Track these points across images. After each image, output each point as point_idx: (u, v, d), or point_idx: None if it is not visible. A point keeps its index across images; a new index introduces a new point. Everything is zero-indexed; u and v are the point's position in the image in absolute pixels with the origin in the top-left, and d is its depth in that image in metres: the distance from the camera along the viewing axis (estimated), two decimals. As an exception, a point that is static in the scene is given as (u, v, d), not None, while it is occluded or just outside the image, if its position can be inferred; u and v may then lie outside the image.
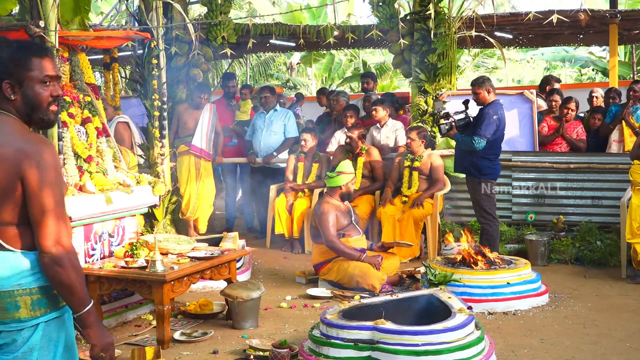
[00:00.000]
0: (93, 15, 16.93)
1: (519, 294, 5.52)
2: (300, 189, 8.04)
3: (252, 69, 19.95)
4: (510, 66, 23.87)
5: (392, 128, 8.19)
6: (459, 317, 4.05)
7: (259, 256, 7.59)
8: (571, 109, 8.04)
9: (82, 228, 5.02)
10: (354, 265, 5.96)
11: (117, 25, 11.71)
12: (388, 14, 8.04)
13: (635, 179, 6.19)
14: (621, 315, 5.34)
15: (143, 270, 4.70)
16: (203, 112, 8.07)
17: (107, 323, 5.06)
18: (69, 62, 5.28)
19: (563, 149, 8.03)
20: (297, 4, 20.85)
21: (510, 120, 7.65)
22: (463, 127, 6.49)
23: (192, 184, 7.96)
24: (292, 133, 8.61)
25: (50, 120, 2.36)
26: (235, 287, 5.16)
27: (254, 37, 9.48)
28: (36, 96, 2.30)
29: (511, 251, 7.14)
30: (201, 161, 8.05)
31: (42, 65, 2.31)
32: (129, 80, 11.45)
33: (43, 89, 2.31)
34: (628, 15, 10.24)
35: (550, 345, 4.65)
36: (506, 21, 10.07)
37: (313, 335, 4.17)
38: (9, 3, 5.10)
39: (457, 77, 9.98)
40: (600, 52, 19.29)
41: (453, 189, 7.59)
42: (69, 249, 2.23)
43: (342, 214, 6.22)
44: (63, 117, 4.95)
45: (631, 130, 7.59)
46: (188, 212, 7.94)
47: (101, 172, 5.27)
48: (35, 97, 2.30)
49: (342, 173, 6.22)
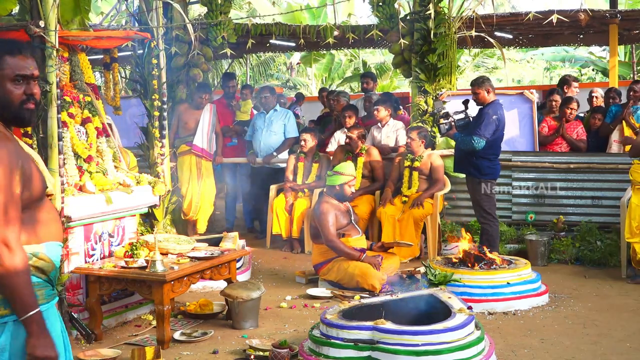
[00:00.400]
0: (93, 15, 16.93)
1: (519, 294, 5.52)
2: (300, 189, 8.04)
3: (252, 69, 19.95)
4: (510, 66, 23.89)
5: (393, 128, 8.19)
6: (459, 317, 4.05)
7: (259, 256, 7.58)
8: (573, 109, 8.03)
9: (82, 228, 5.02)
10: (354, 265, 5.96)
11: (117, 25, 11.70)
12: (388, 14, 8.04)
13: (635, 178, 6.19)
14: (621, 315, 5.34)
15: (143, 270, 4.69)
16: (203, 113, 8.08)
17: (107, 323, 5.06)
18: (69, 62, 5.28)
19: (563, 149, 8.03)
20: (297, 4, 20.86)
21: (510, 120, 7.65)
22: (463, 127, 6.49)
23: (194, 183, 7.97)
24: (292, 133, 8.61)
25: (25, 118, 2.34)
26: (235, 287, 5.16)
27: (254, 37, 9.49)
28: (6, 94, 2.29)
29: (511, 251, 7.14)
30: (202, 161, 8.06)
31: (15, 64, 2.30)
32: (129, 80, 11.45)
33: (15, 87, 2.30)
34: (628, 15, 10.24)
35: (550, 345, 4.65)
36: (506, 21, 10.06)
37: (313, 335, 4.17)
38: (9, 3, 5.10)
39: (457, 77, 9.98)
40: (600, 52, 19.29)
41: (453, 189, 7.59)
42: (13, 249, 2.18)
43: (342, 213, 6.21)
44: (63, 117, 4.94)
45: (631, 130, 7.59)
46: (190, 212, 7.94)
47: (101, 172, 5.27)
48: (5, 96, 2.30)
49: (339, 173, 6.22)
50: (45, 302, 2.32)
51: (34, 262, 2.29)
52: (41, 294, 2.30)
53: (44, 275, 2.32)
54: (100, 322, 4.88)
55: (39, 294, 2.29)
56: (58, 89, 4.78)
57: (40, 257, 2.31)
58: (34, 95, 2.35)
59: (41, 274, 2.31)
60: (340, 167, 6.34)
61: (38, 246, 2.31)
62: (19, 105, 2.32)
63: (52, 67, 4.70)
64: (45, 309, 2.31)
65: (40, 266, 2.31)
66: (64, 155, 4.86)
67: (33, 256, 2.29)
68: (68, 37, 5.08)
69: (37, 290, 2.29)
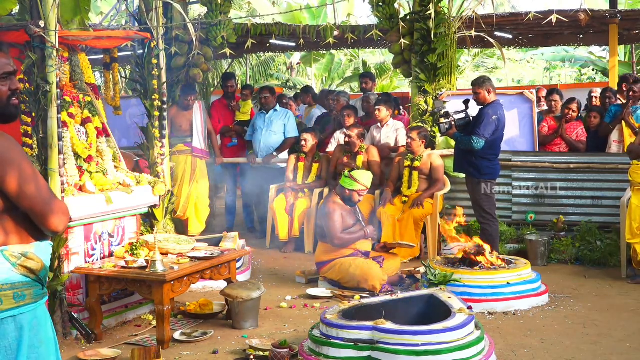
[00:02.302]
0: (93, 15, 16.93)
1: (519, 294, 5.52)
2: (300, 189, 8.04)
3: (252, 69, 19.94)
4: (510, 66, 23.88)
5: (393, 128, 8.19)
6: (459, 317, 4.05)
7: (259, 256, 7.59)
8: (572, 109, 8.03)
9: (82, 228, 5.03)
10: (355, 266, 5.97)
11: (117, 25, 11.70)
12: (388, 14, 8.03)
13: (634, 179, 6.19)
14: (621, 315, 5.34)
15: (143, 270, 4.70)
16: (194, 112, 8.06)
17: (107, 323, 5.06)
18: (69, 62, 5.28)
19: (562, 149, 8.03)
20: (297, 4, 20.85)
21: (510, 120, 7.65)
22: (463, 127, 6.49)
23: (186, 184, 7.95)
24: (292, 133, 8.61)
25: (11, 114, 2.41)
26: (235, 287, 5.16)
27: (254, 37, 9.50)
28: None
29: (511, 251, 7.14)
30: (197, 161, 8.05)
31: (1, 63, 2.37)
32: (129, 80, 11.45)
33: (1, 85, 2.36)
34: (628, 15, 10.24)
35: (550, 345, 4.65)
36: (506, 21, 10.06)
37: (313, 335, 4.17)
38: (9, 3, 5.09)
39: (457, 77, 9.98)
40: (600, 52, 19.28)
41: (453, 189, 7.59)
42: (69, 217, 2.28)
43: (348, 213, 6.20)
44: (63, 117, 4.94)
45: (631, 130, 7.59)
46: (179, 212, 7.90)
47: (101, 172, 5.27)
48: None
49: (355, 180, 6.13)
50: (34, 302, 2.33)
51: (22, 262, 2.30)
52: (29, 293, 2.32)
53: (33, 275, 2.33)
54: (100, 322, 4.88)
55: (27, 293, 2.31)
56: (58, 89, 4.77)
57: (29, 257, 2.31)
58: (17, 90, 2.42)
59: (30, 274, 2.32)
60: (358, 174, 6.26)
61: (27, 246, 2.33)
62: (7, 101, 2.38)
63: (52, 67, 4.69)
64: (33, 308, 2.33)
65: (29, 266, 2.31)
66: (64, 155, 4.86)
67: (22, 256, 2.30)
68: (68, 37, 5.08)
69: (26, 290, 2.30)
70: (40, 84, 4.70)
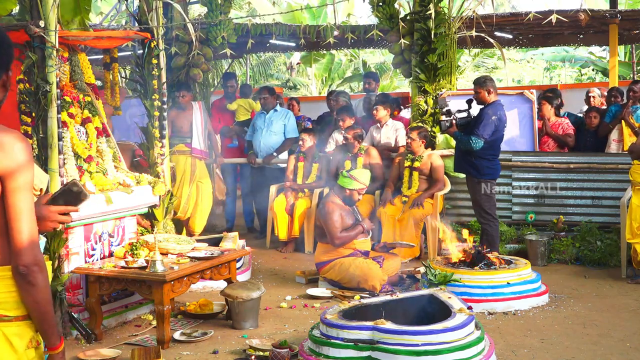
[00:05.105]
0: (93, 15, 16.92)
1: (519, 294, 5.52)
2: (300, 189, 8.04)
3: (252, 69, 19.95)
4: (510, 66, 23.87)
5: (393, 128, 8.19)
6: (459, 317, 4.05)
7: (259, 256, 7.59)
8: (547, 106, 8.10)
9: (82, 228, 5.03)
10: (355, 266, 5.96)
11: (117, 25, 11.71)
12: (388, 14, 8.03)
13: (635, 179, 6.19)
14: (621, 315, 5.34)
15: (143, 270, 4.70)
16: (194, 113, 8.04)
17: (107, 323, 5.06)
18: (69, 62, 5.28)
19: (551, 146, 8.04)
20: (297, 4, 20.84)
21: (510, 120, 7.65)
22: (464, 126, 6.49)
23: (185, 185, 7.94)
24: (292, 133, 8.60)
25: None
26: (235, 287, 5.16)
27: (254, 37, 9.49)
28: None
29: (511, 251, 7.14)
30: (197, 162, 8.03)
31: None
32: (129, 80, 11.44)
33: None
34: (628, 15, 10.24)
35: (550, 345, 4.65)
36: (506, 21, 10.06)
37: (313, 335, 4.17)
38: (9, 3, 5.09)
39: (457, 77, 9.98)
40: (600, 52, 19.28)
41: (453, 189, 7.59)
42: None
43: (347, 213, 6.20)
44: (63, 117, 4.95)
45: (631, 130, 7.60)
46: (179, 212, 7.90)
47: (101, 172, 5.27)
48: None
49: (354, 178, 6.13)
50: None
51: None
52: None
53: None
54: (100, 322, 4.88)
55: None
56: (58, 89, 4.78)
57: None
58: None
59: None
60: (356, 172, 6.26)
61: None
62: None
63: (52, 67, 4.70)
64: None
65: None
66: (64, 155, 4.87)
67: None
68: (68, 37, 5.09)
69: None
70: (40, 84, 4.70)
